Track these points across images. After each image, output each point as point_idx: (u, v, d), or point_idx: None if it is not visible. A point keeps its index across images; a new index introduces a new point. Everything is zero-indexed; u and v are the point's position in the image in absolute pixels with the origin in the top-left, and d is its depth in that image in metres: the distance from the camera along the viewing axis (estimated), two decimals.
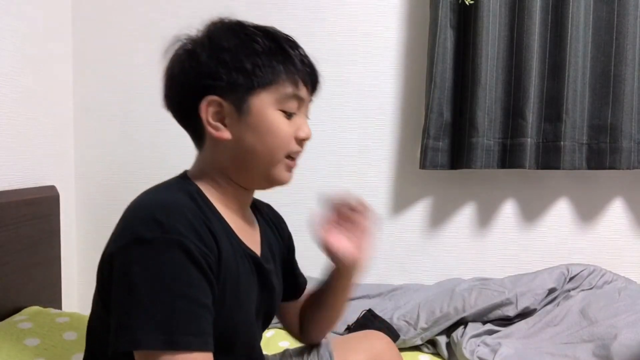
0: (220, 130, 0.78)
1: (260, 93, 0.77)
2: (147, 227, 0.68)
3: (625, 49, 1.56)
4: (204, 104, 0.77)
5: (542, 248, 1.73)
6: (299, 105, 0.81)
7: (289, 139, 0.80)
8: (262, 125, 0.78)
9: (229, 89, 0.77)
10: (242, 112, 0.77)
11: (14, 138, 1.44)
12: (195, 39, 0.81)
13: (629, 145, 1.58)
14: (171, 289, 0.66)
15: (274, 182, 0.83)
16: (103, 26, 1.76)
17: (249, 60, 0.76)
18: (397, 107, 1.74)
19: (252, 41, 0.78)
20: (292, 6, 1.72)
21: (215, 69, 0.76)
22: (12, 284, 1.34)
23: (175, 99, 0.82)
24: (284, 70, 0.78)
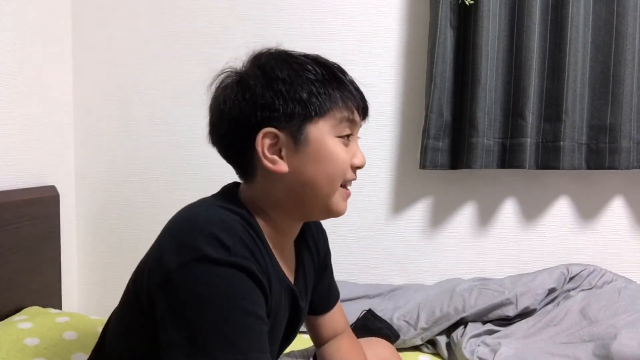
0: (277, 163, 0.76)
1: (318, 121, 0.76)
2: (212, 246, 0.67)
3: (624, 49, 1.56)
4: (259, 137, 0.75)
5: (542, 248, 1.73)
6: (352, 130, 0.81)
7: (347, 166, 0.80)
8: (322, 153, 0.77)
9: (285, 120, 0.75)
10: (299, 142, 0.76)
11: (14, 138, 1.44)
12: (243, 71, 0.79)
13: (628, 145, 1.58)
14: (241, 307, 0.67)
15: (332, 213, 0.82)
16: (103, 26, 1.76)
17: (304, 90, 0.75)
18: (397, 107, 1.74)
19: (305, 70, 0.77)
20: (292, 6, 1.72)
21: (271, 100, 0.75)
22: (12, 284, 1.34)
23: (226, 133, 0.79)
24: (339, 96, 0.77)
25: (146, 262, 0.76)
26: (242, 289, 0.68)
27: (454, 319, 1.43)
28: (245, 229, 0.73)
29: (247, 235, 0.72)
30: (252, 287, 0.69)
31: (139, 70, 1.76)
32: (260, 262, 0.72)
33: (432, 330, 1.43)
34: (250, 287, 0.69)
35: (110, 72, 1.76)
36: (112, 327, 0.85)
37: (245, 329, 0.66)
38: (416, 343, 1.43)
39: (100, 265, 1.79)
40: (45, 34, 1.60)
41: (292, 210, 0.81)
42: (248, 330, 0.67)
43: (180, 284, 0.67)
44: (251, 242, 0.72)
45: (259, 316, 0.69)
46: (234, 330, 0.65)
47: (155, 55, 1.75)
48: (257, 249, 0.72)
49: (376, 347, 1.09)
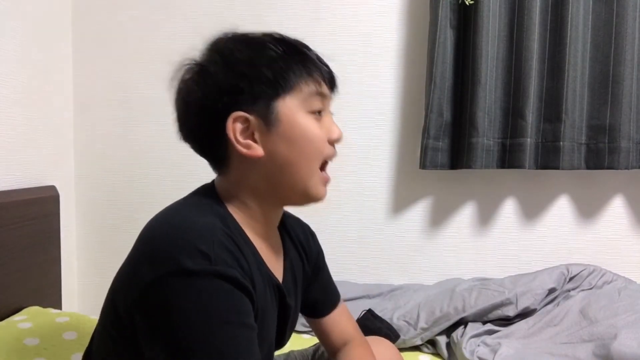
0: (252, 147, 0.74)
1: (285, 98, 0.74)
2: (191, 257, 0.64)
3: (624, 49, 1.56)
4: (229, 122, 0.73)
5: (542, 248, 1.73)
6: (323, 104, 0.78)
7: (323, 142, 0.77)
8: (295, 131, 0.74)
9: (253, 101, 0.73)
10: (270, 122, 0.73)
11: (14, 138, 1.44)
12: (203, 59, 0.76)
13: (627, 145, 1.58)
14: (227, 318, 0.64)
15: (310, 197, 0.79)
16: (103, 26, 1.76)
17: (267, 67, 0.73)
18: (397, 107, 1.74)
19: (265, 48, 0.74)
20: (292, 6, 1.72)
21: (234, 83, 0.73)
22: (12, 284, 1.34)
23: (195, 125, 0.77)
24: (304, 70, 0.75)
25: (121, 277, 0.73)
26: (226, 300, 0.65)
27: (454, 319, 1.43)
28: (225, 229, 0.70)
29: (226, 236, 0.69)
30: (238, 295, 0.66)
31: (139, 70, 1.76)
32: (242, 263, 0.69)
33: (432, 330, 1.43)
34: (235, 296, 0.66)
35: (110, 72, 1.76)
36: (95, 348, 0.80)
37: (232, 340, 0.64)
38: (416, 343, 1.43)
39: (100, 265, 1.79)
40: (45, 34, 1.60)
41: (270, 197, 0.78)
42: (235, 341, 0.64)
43: (157, 300, 0.64)
44: (231, 243, 0.69)
45: (247, 324, 0.67)
46: (221, 343, 0.63)
47: (155, 55, 1.75)
48: (237, 250, 0.69)
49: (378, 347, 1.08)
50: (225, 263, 0.66)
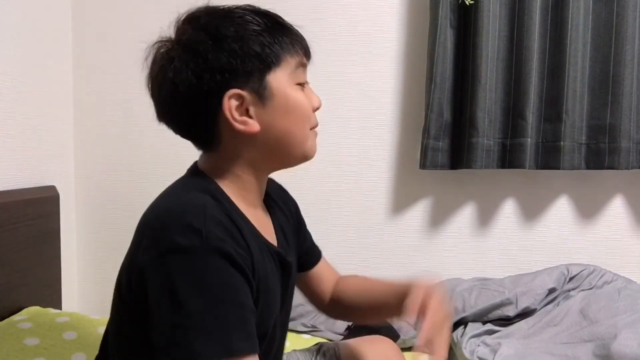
0: (248, 123, 0.74)
1: (276, 71, 0.75)
2: (184, 235, 0.65)
3: (624, 49, 1.56)
4: (225, 100, 0.72)
5: (542, 248, 1.73)
6: (304, 74, 0.80)
7: (311, 111, 0.80)
8: (288, 103, 0.76)
9: (245, 77, 0.73)
10: (264, 97, 0.74)
11: (14, 138, 1.44)
12: (185, 38, 0.76)
13: (627, 145, 1.58)
14: (219, 296, 0.65)
15: (308, 156, 0.82)
16: (103, 26, 1.76)
17: (255, 42, 0.73)
18: (397, 107, 1.74)
19: (248, 22, 0.74)
20: (292, 7, 1.72)
21: (226, 61, 0.72)
22: (12, 284, 1.34)
23: (184, 107, 0.76)
24: (289, 42, 0.76)
25: (122, 269, 0.75)
26: (220, 277, 0.65)
27: (453, 319, 1.43)
28: (216, 203, 0.71)
29: (218, 210, 0.69)
30: (231, 272, 0.66)
31: (139, 70, 1.75)
32: (235, 235, 0.68)
33: None
34: (230, 273, 0.66)
35: (110, 72, 1.76)
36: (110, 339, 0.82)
37: (226, 318, 0.64)
38: None
39: (100, 265, 1.78)
40: (45, 34, 1.60)
41: (266, 166, 0.80)
42: (230, 319, 0.64)
43: (155, 279, 0.66)
44: (224, 217, 0.69)
45: (241, 304, 0.66)
46: (215, 321, 0.63)
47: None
48: (230, 223, 0.69)
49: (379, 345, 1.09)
50: (218, 238, 0.66)
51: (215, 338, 0.63)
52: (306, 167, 1.85)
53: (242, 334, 0.65)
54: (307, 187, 1.75)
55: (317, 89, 1.91)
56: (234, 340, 0.64)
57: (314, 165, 1.74)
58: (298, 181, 1.80)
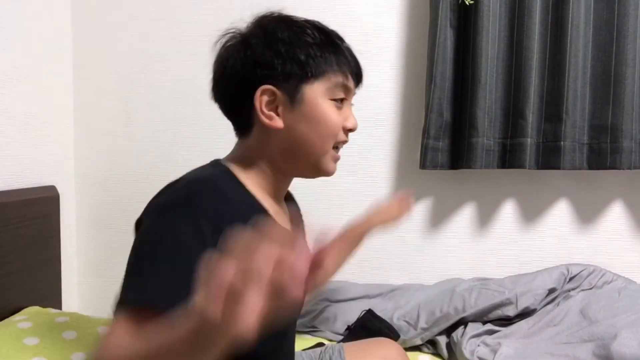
0: (274, 119, 0.81)
1: (314, 83, 0.80)
2: (169, 197, 0.73)
3: (625, 48, 1.56)
4: (258, 93, 0.79)
5: (542, 248, 1.72)
6: (346, 95, 0.85)
7: (339, 128, 0.84)
8: (315, 114, 0.81)
9: (283, 78, 0.79)
10: (295, 101, 0.80)
11: (13, 138, 1.44)
12: (247, 31, 0.84)
13: (629, 145, 1.57)
14: (175, 257, 0.68)
15: (321, 172, 0.86)
16: (103, 26, 1.76)
17: (302, 51, 0.80)
18: (397, 107, 1.73)
19: (304, 33, 0.82)
20: (292, 7, 1.71)
21: (270, 59, 0.79)
22: (12, 284, 1.34)
23: (227, 88, 0.84)
24: (335, 61, 0.82)
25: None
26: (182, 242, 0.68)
27: (454, 319, 1.43)
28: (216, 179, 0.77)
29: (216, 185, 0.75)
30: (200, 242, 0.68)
31: (139, 70, 1.76)
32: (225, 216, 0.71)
33: (432, 330, 1.43)
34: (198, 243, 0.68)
35: (110, 72, 1.76)
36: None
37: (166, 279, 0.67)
38: (416, 343, 1.43)
39: (100, 265, 1.79)
40: (45, 34, 1.60)
41: (284, 166, 0.85)
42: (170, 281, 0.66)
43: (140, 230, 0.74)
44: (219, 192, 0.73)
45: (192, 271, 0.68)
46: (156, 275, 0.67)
47: (155, 55, 1.75)
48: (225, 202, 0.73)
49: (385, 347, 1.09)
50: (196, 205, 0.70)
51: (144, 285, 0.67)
52: None
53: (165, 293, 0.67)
54: (307, 187, 1.75)
55: None
56: (158, 295, 0.66)
57: None
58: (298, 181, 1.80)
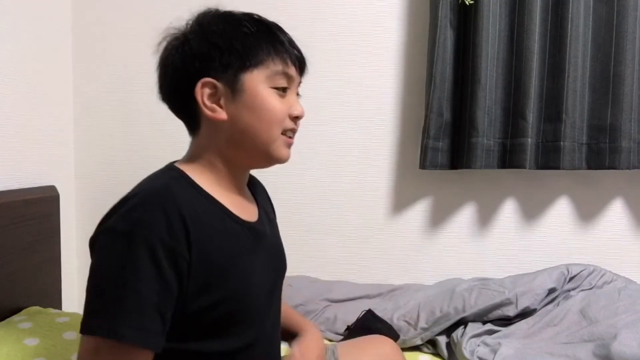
0: (216, 111, 0.81)
1: (252, 71, 0.81)
2: (120, 220, 0.72)
3: (625, 49, 1.56)
4: (198, 86, 0.80)
5: (542, 248, 1.72)
6: (289, 83, 0.85)
7: (283, 115, 0.84)
8: (256, 102, 0.81)
9: (222, 69, 0.80)
10: (236, 91, 0.81)
11: (14, 138, 1.44)
12: (185, 29, 0.85)
13: (628, 145, 1.57)
14: (124, 281, 0.68)
15: (273, 159, 0.86)
16: (103, 26, 1.76)
17: (239, 42, 0.80)
18: (397, 107, 1.74)
19: (240, 25, 0.82)
20: (293, 6, 1.72)
21: (207, 51, 0.80)
22: (12, 284, 1.34)
23: (170, 87, 0.85)
24: (272, 49, 0.82)
25: None
26: (135, 265, 0.68)
27: (454, 319, 1.43)
28: (169, 186, 0.76)
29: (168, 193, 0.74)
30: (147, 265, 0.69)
31: (139, 70, 1.76)
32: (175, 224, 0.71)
33: (432, 330, 1.43)
34: (144, 266, 0.69)
35: (110, 72, 1.76)
36: None
37: (123, 302, 0.68)
38: (416, 343, 1.43)
39: None
40: (45, 34, 1.60)
41: (235, 158, 0.84)
42: (127, 304, 0.68)
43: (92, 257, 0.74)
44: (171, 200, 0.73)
45: (145, 296, 0.69)
46: (112, 302, 0.68)
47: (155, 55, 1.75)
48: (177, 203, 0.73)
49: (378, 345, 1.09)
50: (146, 225, 0.70)
51: (106, 317, 0.68)
52: (306, 167, 1.86)
53: (132, 322, 0.68)
54: (307, 187, 1.75)
55: (317, 89, 1.91)
56: (120, 324, 0.68)
57: (314, 165, 1.76)
58: (298, 181, 1.80)
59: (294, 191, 1.74)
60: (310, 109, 1.74)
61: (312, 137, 1.73)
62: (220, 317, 0.77)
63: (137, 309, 0.68)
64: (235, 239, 0.81)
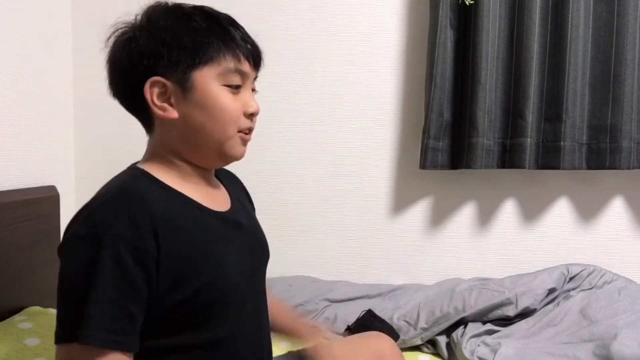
0: (167, 110, 0.79)
1: (203, 69, 0.78)
2: (82, 224, 0.71)
3: (625, 49, 1.56)
4: (147, 85, 0.78)
5: (542, 248, 1.73)
6: (242, 80, 0.82)
7: (237, 114, 0.81)
8: (207, 100, 0.78)
9: (171, 67, 0.77)
10: (186, 89, 0.78)
11: (14, 138, 1.44)
12: (134, 24, 0.82)
13: (628, 145, 1.58)
14: (89, 285, 0.67)
15: (228, 158, 0.83)
16: (103, 26, 1.75)
17: (188, 38, 0.77)
18: (397, 107, 1.74)
19: (190, 20, 0.78)
20: (293, 6, 1.72)
21: (155, 49, 0.77)
22: (12, 284, 1.34)
23: (119, 85, 0.83)
24: (223, 45, 0.79)
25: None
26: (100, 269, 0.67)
27: (454, 319, 1.43)
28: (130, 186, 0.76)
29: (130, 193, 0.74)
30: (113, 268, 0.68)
31: None
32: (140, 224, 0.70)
33: (432, 330, 1.43)
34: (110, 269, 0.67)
35: None
36: None
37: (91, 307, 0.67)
38: (416, 343, 1.43)
39: None
40: (45, 34, 1.60)
41: (190, 156, 0.82)
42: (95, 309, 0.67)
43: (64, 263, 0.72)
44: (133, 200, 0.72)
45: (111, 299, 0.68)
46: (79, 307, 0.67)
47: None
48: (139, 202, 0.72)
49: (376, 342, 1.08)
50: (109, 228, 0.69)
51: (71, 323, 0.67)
52: (306, 167, 1.85)
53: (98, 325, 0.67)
54: (307, 187, 1.75)
55: (317, 89, 1.90)
56: (87, 328, 0.66)
57: (314, 165, 1.76)
58: (298, 181, 1.80)
59: (294, 191, 1.74)
60: (311, 109, 1.75)
61: (312, 137, 1.73)
62: (198, 308, 0.76)
63: (103, 311, 0.67)
64: (204, 230, 0.80)
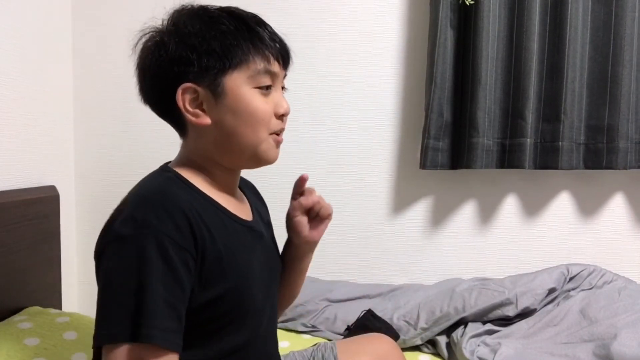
0: (200, 116, 0.79)
1: (233, 73, 0.78)
2: (125, 224, 0.70)
3: (622, 49, 1.56)
4: (179, 92, 0.78)
5: (542, 248, 1.73)
6: (272, 80, 0.82)
7: (269, 116, 0.81)
8: (240, 105, 0.78)
9: (202, 73, 0.77)
10: (217, 95, 0.78)
11: (14, 138, 1.44)
12: (161, 29, 0.81)
13: (625, 145, 1.58)
14: (140, 284, 0.67)
15: (262, 161, 0.84)
16: (103, 26, 1.76)
17: (217, 42, 0.77)
18: (397, 107, 1.74)
19: (217, 23, 0.78)
20: (293, 6, 1.72)
21: (185, 55, 0.77)
22: (12, 284, 1.34)
23: (150, 92, 0.83)
24: (252, 47, 0.78)
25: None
26: (147, 267, 0.68)
27: (454, 319, 1.43)
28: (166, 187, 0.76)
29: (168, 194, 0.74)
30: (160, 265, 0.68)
31: None
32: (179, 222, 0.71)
33: (432, 330, 1.43)
34: (157, 266, 0.68)
35: (110, 72, 1.76)
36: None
37: (142, 305, 0.67)
38: (416, 343, 1.43)
39: None
40: (45, 34, 1.60)
41: (222, 161, 0.83)
42: (146, 306, 0.67)
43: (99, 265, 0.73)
44: (172, 201, 0.72)
45: (161, 296, 0.68)
46: (131, 306, 0.67)
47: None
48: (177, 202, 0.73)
49: (376, 342, 1.09)
50: (153, 227, 0.69)
51: (127, 321, 0.66)
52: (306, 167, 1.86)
53: (155, 323, 0.67)
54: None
55: (317, 89, 1.91)
56: (146, 326, 0.66)
57: (314, 165, 1.76)
58: None
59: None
60: (311, 109, 1.75)
61: (312, 137, 1.73)
62: (219, 314, 0.77)
63: (159, 311, 0.67)
64: (234, 237, 0.81)
